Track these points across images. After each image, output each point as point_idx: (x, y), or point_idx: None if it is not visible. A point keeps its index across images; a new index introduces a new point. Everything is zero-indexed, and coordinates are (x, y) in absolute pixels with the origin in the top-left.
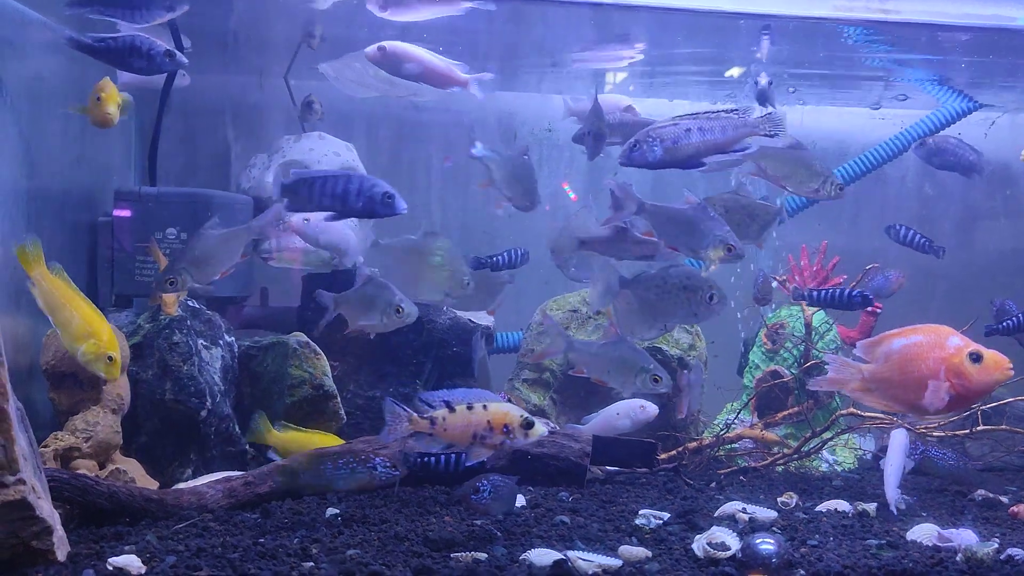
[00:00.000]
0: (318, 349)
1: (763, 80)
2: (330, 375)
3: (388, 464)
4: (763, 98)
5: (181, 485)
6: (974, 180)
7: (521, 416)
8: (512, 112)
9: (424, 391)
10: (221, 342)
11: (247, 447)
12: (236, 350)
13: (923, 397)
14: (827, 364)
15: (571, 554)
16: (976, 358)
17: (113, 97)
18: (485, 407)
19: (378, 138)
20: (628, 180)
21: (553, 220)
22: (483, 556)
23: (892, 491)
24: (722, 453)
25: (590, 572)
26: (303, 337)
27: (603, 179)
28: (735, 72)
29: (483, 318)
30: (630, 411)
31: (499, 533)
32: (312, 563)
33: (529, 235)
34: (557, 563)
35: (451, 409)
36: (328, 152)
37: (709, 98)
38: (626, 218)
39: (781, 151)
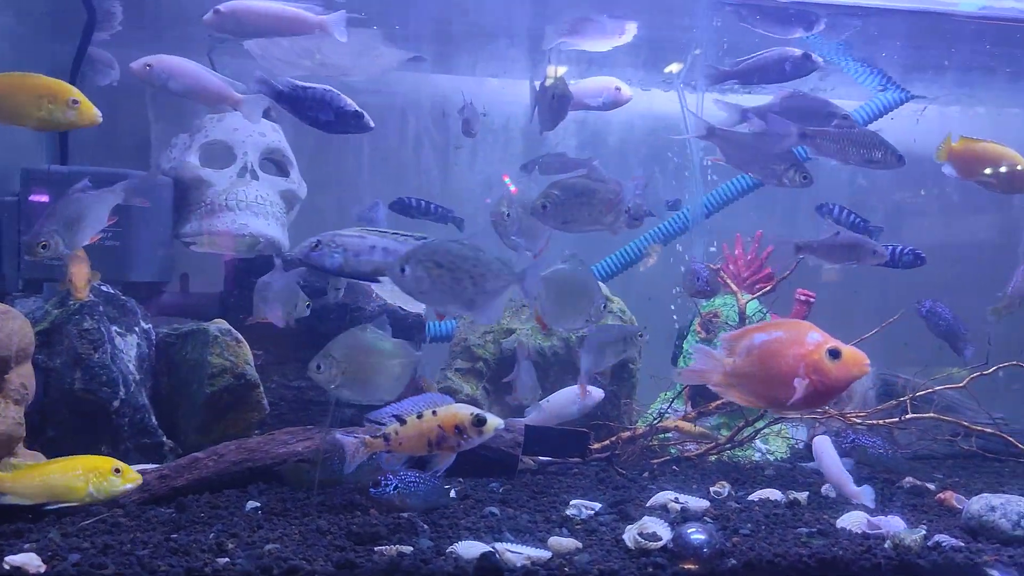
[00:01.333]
0: (240, 337)
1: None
2: (253, 364)
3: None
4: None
5: None
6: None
7: (472, 415)
8: (446, 95)
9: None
10: (137, 329)
11: (164, 439)
12: (153, 337)
13: (782, 393)
14: (692, 355)
15: (499, 546)
16: (834, 354)
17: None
18: (435, 412)
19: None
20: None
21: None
22: (408, 549)
23: (851, 488)
24: (656, 443)
25: (518, 564)
26: (225, 324)
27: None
28: (674, 68)
29: (415, 305)
30: (576, 397)
31: (426, 526)
32: (227, 558)
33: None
34: (484, 555)
35: (402, 421)
36: (253, 133)
37: (642, 83)
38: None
39: (737, 134)
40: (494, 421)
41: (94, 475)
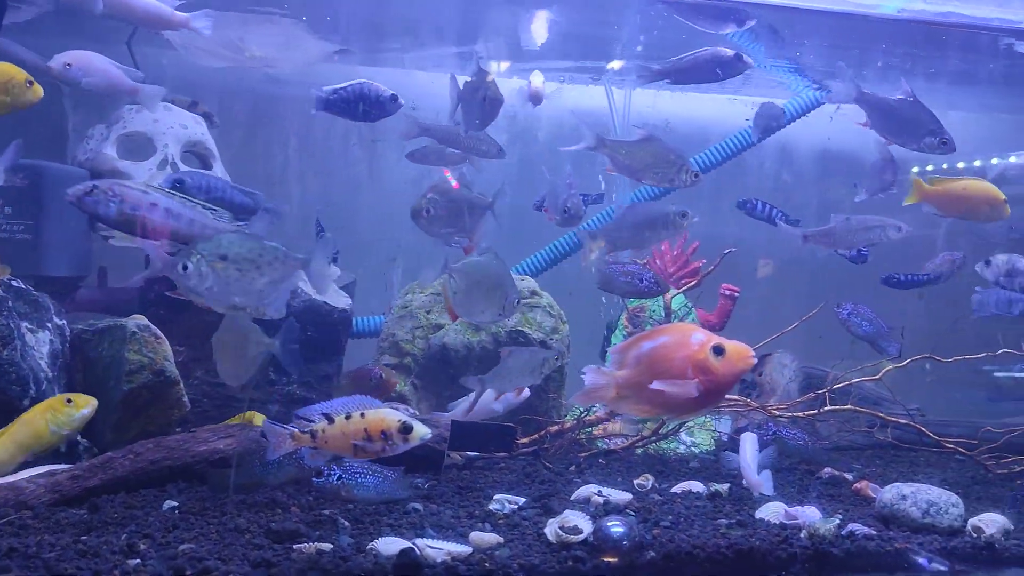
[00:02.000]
0: (159, 333)
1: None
2: (172, 360)
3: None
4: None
5: None
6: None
7: (399, 421)
8: None
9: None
10: (49, 325)
11: (79, 438)
12: (68, 334)
13: (674, 398)
14: (583, 374)
15: (420, 542)
16: (719, 351)
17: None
18: (363, 415)
19: (232, 112)
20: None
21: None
22: (328, 547)
23: (752, 477)
24: (583, 436)
25: (438, 560)
26: (143, 320)
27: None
28: (615, 64)
29: (340, 300)
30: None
31: (347, 523)
32: (139, 560)
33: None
34: (404, 552)
35: (330, 420)
36: (174, 124)
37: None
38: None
39: (626, 143)
40: (421, 430)
41: (50, 413)
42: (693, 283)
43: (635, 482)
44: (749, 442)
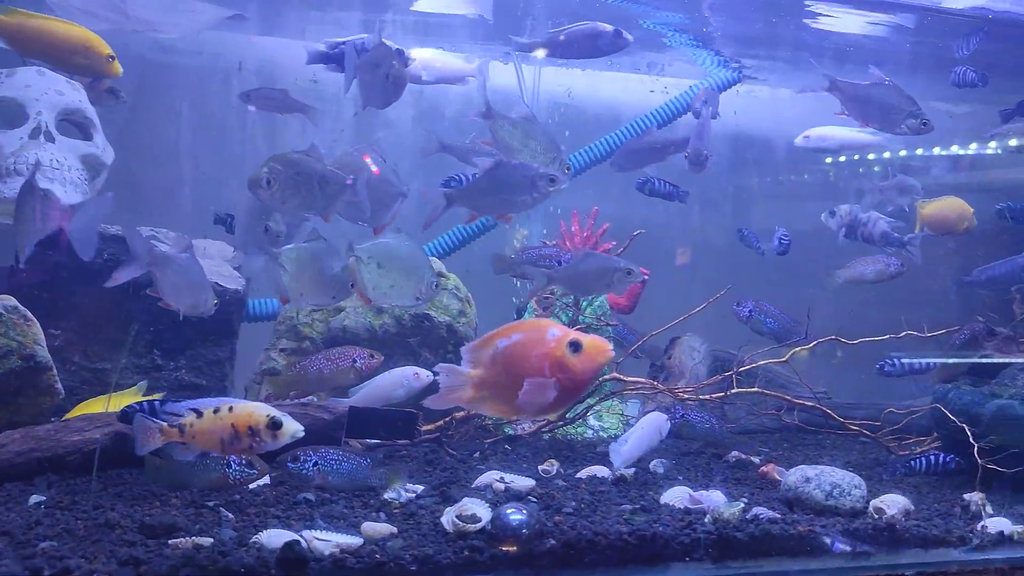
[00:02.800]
0: (29, 315)
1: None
2: (44, 344)
3: (242, 462)
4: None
5: None
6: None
7: (267, 416)
8: (273, 59)
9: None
10: None
11: None
12: None
13: (533, 397)
14: (436, 374)
15: (307, 534)
16: (576, 347)
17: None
18: (231, 409)
19: (116, 81)
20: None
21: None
22: (208, 541)
23: (619, 460)
24: (489, 422)
25: (326, 552)
26: (11, 301)
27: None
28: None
29: (232, 281)
30: (403, 379)
31: (230, 515)
32: None
33: None
34: (288, 545)
35: (199, 414)
36: (49, 90)
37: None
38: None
39: (515, 121)
40: (292, 427)
41: None
42: None
43: (540, 468)
44: (648, 421)
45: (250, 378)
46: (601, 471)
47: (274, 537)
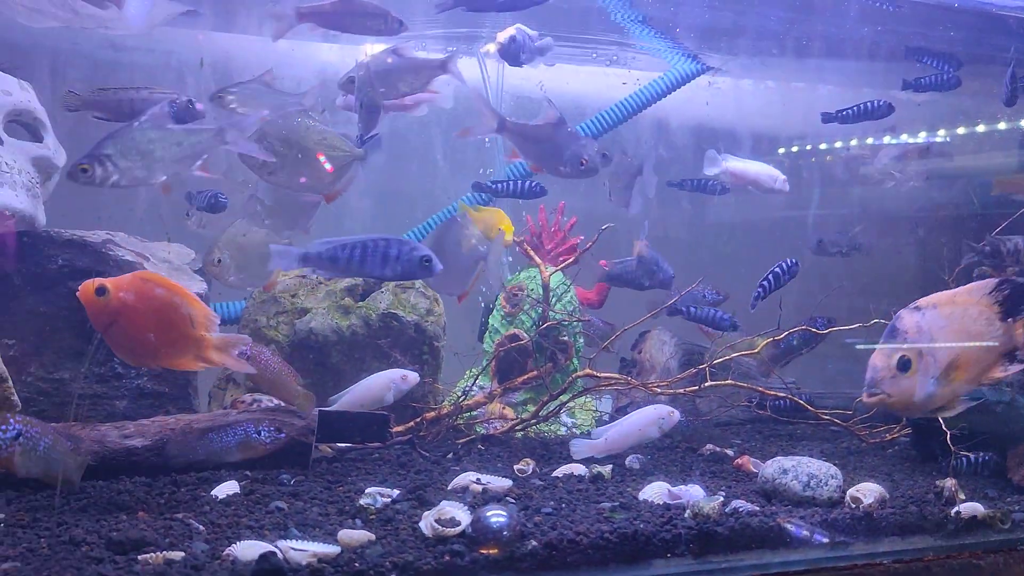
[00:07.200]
0: None
1: None
2: None
3: (272, 429)
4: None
5: None
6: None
7: None
8: (229, 55)
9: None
10: None
11: None
12: None
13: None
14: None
15: (282, 544)
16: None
17: None
18: None
19: (65, 80)
20: None
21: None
22: (179, 555)
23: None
24: (461, 422)
25: (303, 563)
26: None
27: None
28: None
29: (194, 284)
30: (391, 383)
31: (201, 527)
32: None
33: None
34: (264, 556)
35: None
36: None
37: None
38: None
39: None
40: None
41: None
42: (571, 260)
43: (515, 467)
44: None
45: (214, 384)
46: (578, 469)
47: (248, 549)
